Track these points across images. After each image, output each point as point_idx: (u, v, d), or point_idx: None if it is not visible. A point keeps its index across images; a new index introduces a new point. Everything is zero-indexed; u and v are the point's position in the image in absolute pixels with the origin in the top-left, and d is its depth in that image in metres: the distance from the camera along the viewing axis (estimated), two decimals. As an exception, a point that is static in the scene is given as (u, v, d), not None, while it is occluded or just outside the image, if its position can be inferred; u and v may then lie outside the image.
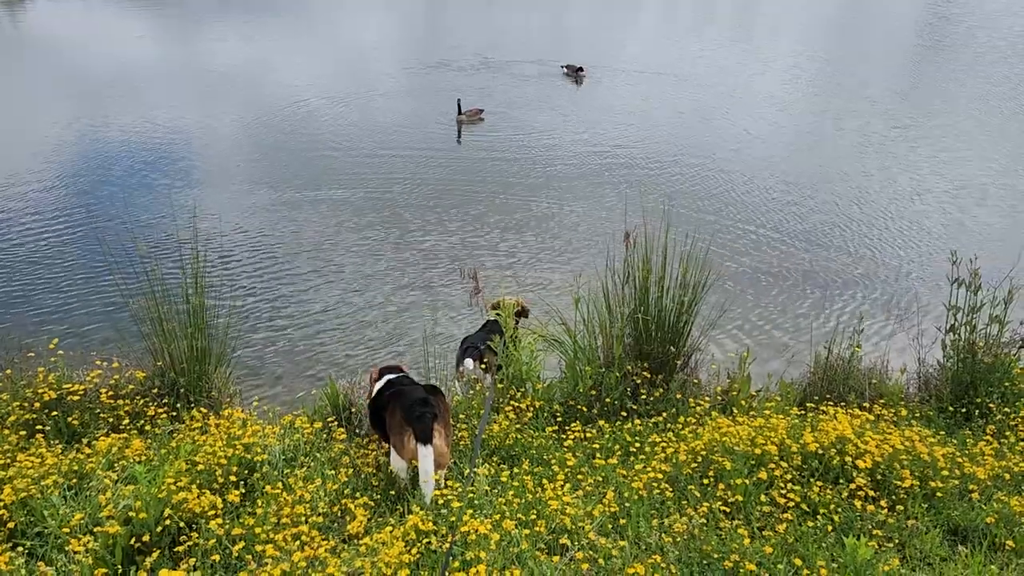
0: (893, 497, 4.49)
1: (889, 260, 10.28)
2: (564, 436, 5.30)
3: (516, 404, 5.65)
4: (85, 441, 5.02)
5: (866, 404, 5.66)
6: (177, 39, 27.35)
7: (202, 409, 5.45)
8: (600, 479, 4.67)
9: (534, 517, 4.14)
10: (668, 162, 14.27)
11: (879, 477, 4.58)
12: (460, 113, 16.46)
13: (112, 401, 5.42)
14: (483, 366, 6.72)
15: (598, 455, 5.01)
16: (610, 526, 4.18)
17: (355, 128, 16.26)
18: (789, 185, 13.10)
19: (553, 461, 4.88)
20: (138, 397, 5.52)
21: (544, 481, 4.58)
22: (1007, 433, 5.30)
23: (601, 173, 13.62)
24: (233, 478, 4.46)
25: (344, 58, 24.64)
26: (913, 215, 11.84)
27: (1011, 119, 17.43)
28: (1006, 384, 5.74)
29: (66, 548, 3.86)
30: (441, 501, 4.24)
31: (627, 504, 4.35)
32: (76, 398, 5.33)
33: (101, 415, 5.32)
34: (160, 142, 14.90)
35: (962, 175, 13.71)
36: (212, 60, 23.14)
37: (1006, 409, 5.56)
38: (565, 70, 21.44)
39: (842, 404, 5.66)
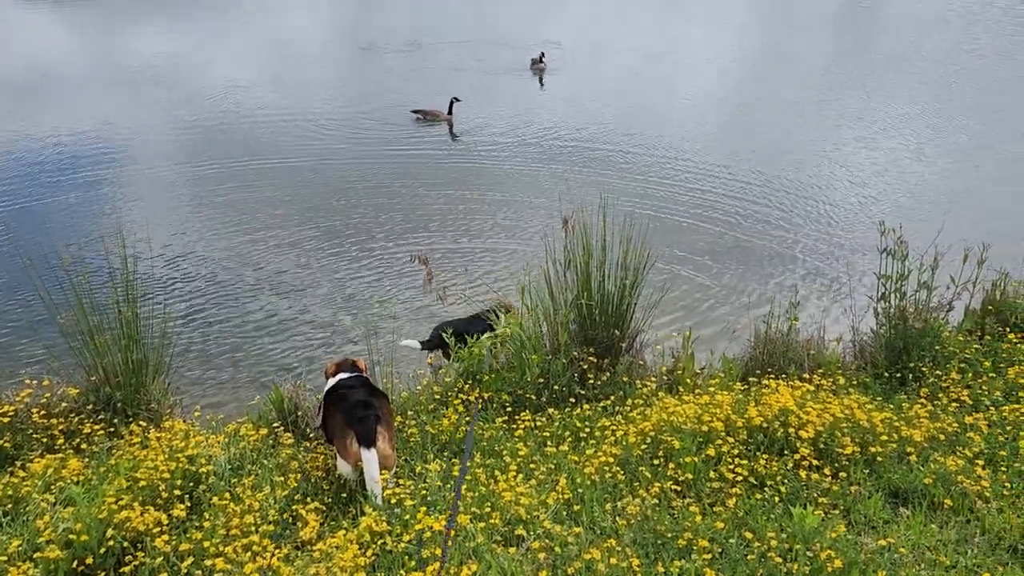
0: (836, 465, 4.61)
1: (822, 233, 10.54)
2: (514, 426, 5.30)
3: (465, 397, 5.63)
4: (19, 464, 4.81)
5: (806, 375, 5.80)
6: (96, 37, 26.37)
7: (141, 423, 5.29)
8: (552, 467, 4.69)
9: (488, 510, 4.13)
10: (604, 147, 14.35)
11: (822, 446, 4.70)
12: (449, 112, 15.95)
13: (45, 420, 5.21)
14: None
15: (549, 443, 5.03)
16: (564, 513, 4.20)
17: (286, 122, 15.94)
18: (722, 163, 13.29)
19: (504, 452, 4.88)
20: (72, 415, 5.32)
21: (496, 472, 4.58)
22: (940, 395, 5.49)
23: (539, 161, 13.63)
24: (178, 492, 4.33)
25: (274, 48, 24.11)
26: (844, 188, 12.16)
27: (937, 93, 18.01)
28: (936, 348, 5.95)
29: (4, 577, 3.71)
30: (394, 500, 4.20)
31: (580, 490, 4.38)
32: (6, 419, 5.11)
33: (34, 436, 5.11)
34: (79, 146, 14.34)
35: (889, 148, 14.14)
36: (134, 57, 22.39)
37: (938, 372, 5.76)
38: (531, 62, 20.94)
39: (783, 376, 5.79)
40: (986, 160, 13.40)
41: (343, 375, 4.97)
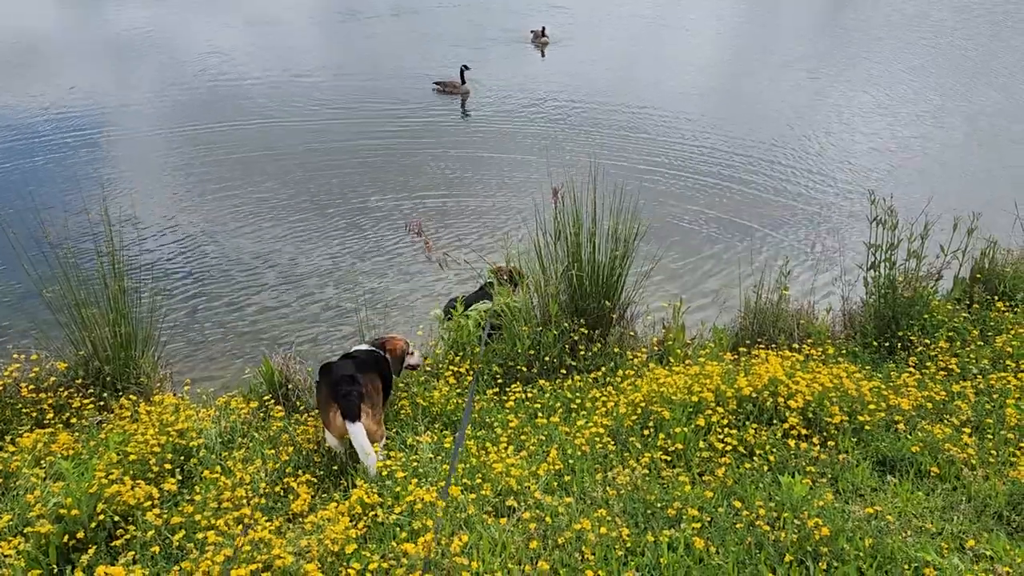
0: (824, 434, 4.64)
1: (812, 202, 10.54)
2: (505, 398, 5.31)
3: (455, 368, 5.63)
4: (8, 439, 4.80)
5: (795, 345, 5.82)
6: (81, 7, 25.90)
7: (131, 396, 5.27)
8: (543, 438, 4.70)
9: (480, 481, 4.15)
10: (594, 117, 14.27)
11: (810, 415, 4.73)
12: (462, 82, 15.75)
13: (34, 395, 5.18)
14: None
15: (540, 414, 5.04)
16: (555, 484, 4.22)
17: (276, 91, 15.75)
18: (712, 132, 13.26)
19: (496, 423, 4.90)
20: (61, 389, 5.30)
21: (488, 444, 4.59)
22: (927, 364, 5.52)
23: (529, 131, 13.54)
24: (168, 466, 4.34)
25: (259, 18, 23.72)
26: (835, 158, 12.14)
27: (926, 65, 17.92)
28: (925, 316, 5.97)
29: (-5, 552, 3.71)
30: (385, 472, 4.22)
31: (571, 461, 4.40)
32: (-6, 394, 5.09)
33: (23, 410, 5.08)
34: (64, 118, 14.15)
35: (880, 118, 14.10)
36: (117, 28, 22.01)
37: (926, 340, 5.79)
38: (532, 35, 20.67)
39: (773, 346, 5.81)
40: (980, 129, 13.38)
41: (355, 349, 5.00)
